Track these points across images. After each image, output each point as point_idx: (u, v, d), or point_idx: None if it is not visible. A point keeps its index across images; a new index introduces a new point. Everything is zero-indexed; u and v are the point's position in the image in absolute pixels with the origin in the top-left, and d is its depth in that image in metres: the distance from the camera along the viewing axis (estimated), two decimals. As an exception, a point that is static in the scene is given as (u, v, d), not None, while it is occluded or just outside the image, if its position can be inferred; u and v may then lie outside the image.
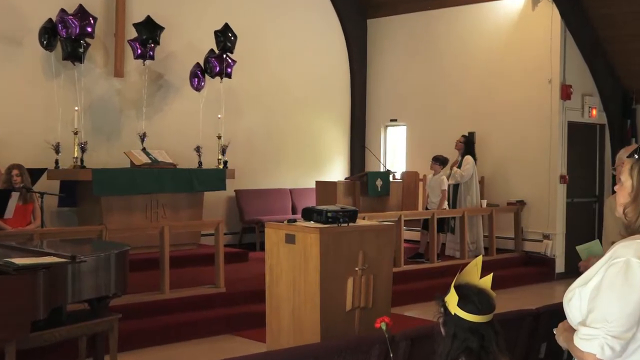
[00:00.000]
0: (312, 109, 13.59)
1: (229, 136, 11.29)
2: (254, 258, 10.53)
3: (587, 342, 2.46)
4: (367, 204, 11.37)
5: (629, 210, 2.59)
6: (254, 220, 11.92)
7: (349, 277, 6.11)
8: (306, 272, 6.04)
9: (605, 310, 2.45)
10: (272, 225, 6.49)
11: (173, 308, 7.82)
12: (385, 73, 13.95)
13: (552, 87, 11.51)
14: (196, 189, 10.44)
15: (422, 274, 10.21)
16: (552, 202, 11.57)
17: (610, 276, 2.47)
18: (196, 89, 11.27)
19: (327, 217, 6.15)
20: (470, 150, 11.56)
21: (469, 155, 11.46)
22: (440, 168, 11.00)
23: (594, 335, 2.45)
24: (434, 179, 11.05)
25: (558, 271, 11.51)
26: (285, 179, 13.10)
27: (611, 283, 2.46)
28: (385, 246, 6.42)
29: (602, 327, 2.44)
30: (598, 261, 2.56)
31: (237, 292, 8.41)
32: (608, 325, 2.44)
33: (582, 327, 2.50)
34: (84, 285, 5.22)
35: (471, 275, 2.84)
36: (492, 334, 2.74)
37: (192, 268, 9.54)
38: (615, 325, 2.43)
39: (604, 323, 2.44)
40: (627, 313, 2.43)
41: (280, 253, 6.29)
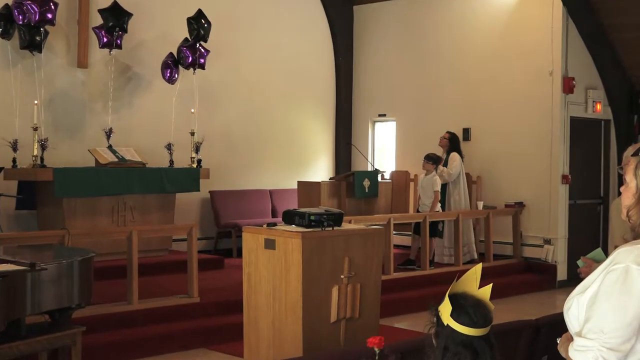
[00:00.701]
0: (294, 103, 13.59)
1: (203, 132, 11.26)
2: (231, 265, 10.52)
3: (581, 353, 2.47)
4: (354, 206, 11.38)
5: (633, 212, 2.60)
6: (230, 224, 11.90)
7: (334, 286, 6.11)
8: (287, 280, 6.04)
9: (601, 320, 2.45)
10: (250, 230, 6.48)
11: (142, 320, 7.78)
12: (373, 64, 13.97)
13: (553, 80, 11.57)
14: (167, 190, 10.41)
15: (414, 282, 10.23)
16: (554, 204, 11.63)
17: (607, 283, 2.47)
18: (169, 81, 11.25)
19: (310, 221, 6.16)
20: (456, 147, 11.62)
21: (455, 152, 11.52)
22: (432, 167, 11.04)
23: (589, 347, 2.45)
24: (426, 179, 11.08)
25: (560, 279, 11.57)
26: (265, 179, 13.09)
27: (608, 291, 2.46)
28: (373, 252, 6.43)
29: (597, 338, 2.44)
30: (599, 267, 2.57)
31: (212, 303, 8.39)
32: (603, 337, 2.44)
33: (577, 337, 2.51)
34: (45, 296, 5.19)
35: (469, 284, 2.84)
36: (487, 348, 2.74)
37: (163, 276, 9.51)
38: (611, 337, 2.43)
39: (599, 334, 2.45)
40: (625, 323, 2.43)
41: (259, 260, 6.28)
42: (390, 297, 9.07)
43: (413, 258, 10.98)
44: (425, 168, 11.14)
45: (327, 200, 11.11)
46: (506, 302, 9.82)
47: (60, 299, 5.40)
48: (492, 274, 9.36)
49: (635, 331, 2.45)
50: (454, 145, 11.63)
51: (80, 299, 5.60)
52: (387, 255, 9.84)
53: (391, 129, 13.95)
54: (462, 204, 11.59)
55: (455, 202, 11.52)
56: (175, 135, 11.14)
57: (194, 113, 11.20)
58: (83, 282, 5.58)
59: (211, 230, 12.19)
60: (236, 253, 11.42)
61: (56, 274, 5.31)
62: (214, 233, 12.20)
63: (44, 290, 5.17)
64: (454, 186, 11.54)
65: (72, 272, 5.47)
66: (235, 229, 11.58)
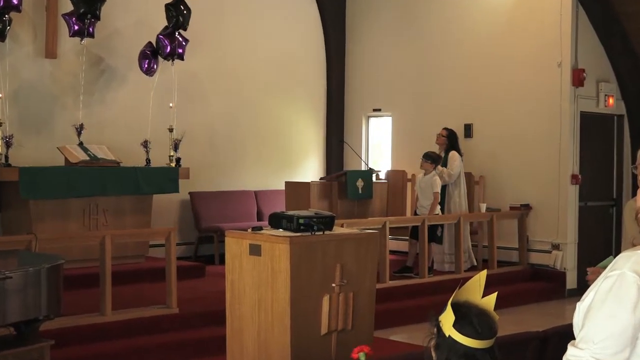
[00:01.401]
0: (282, 98, 13.59)
1: (183, 129, 11.25)
2: (212, 273, 10.53)
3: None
4: (346, 208, 11.38)
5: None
6: (212, 228, 11.89)
7: (325, 295, 6.12)
8: (274, 288, 6.03)
9: (592, 330, 2.49)
10: (233, 234, 6.48)
11: (116, 333, 7.77)
12: (368, 55, 13.98)
13: (562, 72, 11.60)
14: (143, 191, 10.40)
15: (411, 291, 10.25)
16: (562, 207, 11.66)
17: (601, 291, 2.52)
18: (147, 72, 11.23)
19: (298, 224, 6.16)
20: (455, 145, 11.62)
21: (454, 151, 11.52)
22: (432, 167, 11.04)
23: (579, 357, 2.49)
24: (425, 180, 11.09)
25: (569, 287, 11.60)
26: (250, 180, 13.08)
27: (601, 299, 2.50)
28: (368, 258, 6.43)
29: (587, 348, 2.48)
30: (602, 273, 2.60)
31: (192, 313, 8.39)
32: (593, 347, 2.47)
33: (570, 346, 2.55)
34: (10, 306, 5.17)
35: (472, 293, 2.84)
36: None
37: (139, 285, 9.51)
38: (601, 347, 2.46)
39: (589, 344, 2.48)
40: (615, 333, 2.46)
41: (243, 267, 6.28)
42: (386, 307, 9.07)
43: (410, 265, 10.98)
44: (423, 168, 11.14)
45: (317, 203, 11.12)
46: (511, 312, 9.84)
47: (27, 310, 5.38)
48: (496, 282, 9.37)
49: (628, 342, 2.47)
50: (453, 143, 11.62)
51: (48, 310, 5.58)
52: (383, 261, 9.85)
53: (387, 124, 13.96)
54: (463, 207, 11.61)
55: (455, 205, 11.53)
56: (152, 131, 11.12)
57: (173, 108, 11.19)
58: (52, 291, 5.56)
59: (191, 235, 12.17)
60: (218, 259, 11.42)
61: (22, 283, 5.29)
62: (195, 238, 12.19)
63: (9, 301, 5.15)
64: (454, 187, 11.55)
65: (39, 281, 5.45)
66: (218, 234, 11.57)
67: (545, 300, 11.25)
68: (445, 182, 11.35)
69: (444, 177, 11.29)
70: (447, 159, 11.50)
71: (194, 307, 8.58)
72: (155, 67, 11.28)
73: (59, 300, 5.73)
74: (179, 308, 8.29)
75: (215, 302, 8.24)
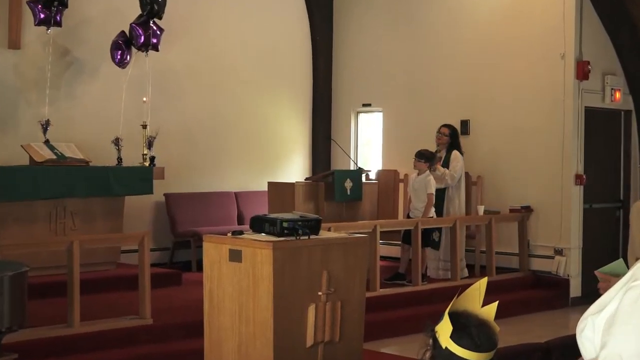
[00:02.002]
0: (264, 92, 13.57)
1: (157, 125, 11.22)
2: (189, 280, 10.52)
3: None
4: (334, 211, 11.38)
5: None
6: (188, 233, 11.88)
7: (311, 304, 6.11)
8: (256, 297, 6.02)
9: (620, 345, 2.46)
10: (212, 239, 6.46)
11: (85, 346, 7.74)
12: (357, 46, 13.98)
13: (565, 64, 11.62)
14: (115, 193, 10.37)
15: (404, 299, 10.25)
16: (566, 209, 11.68)
17: (627, 303, 2.49)
18: (119, 64, 11.20)
19: (282, 228, 6.15)
20: (456, 144, 11.59)
21: (456, 151, 11.49)
22: (425, 166, 11.03)
23: None
24: (418, 180, 11.09)
25: (573, 295, 11.63)
26: (230, 180, 13.07)
27: (628, 311, 2.48)
28: (356, 265, 6.42)
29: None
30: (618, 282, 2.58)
31: (167, 325, 8.37)
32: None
33: None
34: (-31, 317, 5.14)
35: (471, 302, 2.84)
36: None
37: (110, 294, 9.49)
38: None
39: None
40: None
41: (222, 274, 6.27)
42: (376, 317, 9.07)
43: (403, 272, 10.98)
44: (417, 167, 11.13)
45: (302, 205, 11.11)
46: (512, 322, 9.84)
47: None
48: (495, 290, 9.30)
49: None
50: (454, 142, 11.59)
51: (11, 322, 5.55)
52: (373, 268, 9.85)
53: (377, 120, 13.97)
54: (462, 210, 11.58)
55: (455, 208, 11.48)
56: (125, 128, 11.09)
57: (147, 102, 11.16)
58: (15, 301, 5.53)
59: (166, 240, 12.16)
60: (196, 266, 11.41)
61: (-17, 292, 5.26)
62: (170, 243, 12.17)
63: (-31, 311, 5.12)
64: (455, 190, 11.47)
65: (1, 290, 5.43)
66: (195, 238, 11.55)
67: (548, 310, 11.26)
68: (446, 184, 11.32)
69: (445, 179, 11.25)
70: (448, 159, 11.45)
71: (170, 317, 8.56)
72: (128, 59, 11.25)
73: (23, 311, 5.70)
74: (153, 319, 8.25)
75: (192, 313, 8.21)
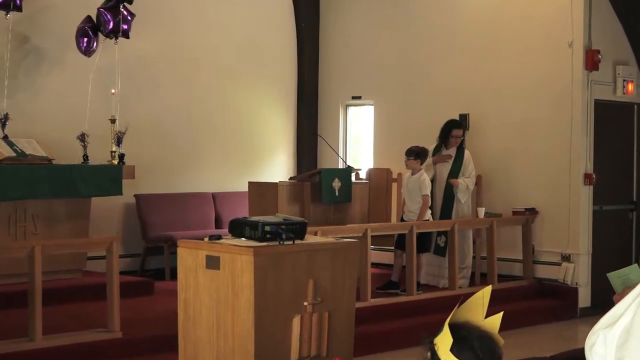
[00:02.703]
0: (245, 83, 13.56)
1: (127, 120, 11.18)
2: (162, 290, 10.53)
3: None
4: (321, 213, 11.37)
5: None
6: (161, 237, 11.87)
7: (295, 316, 6.10)
8: (235, 308, 6.01)
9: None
10: (187, 244, 6.45)
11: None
12: (346, 33, 13.98)
13: (573, 53, 11.64)
14: (80, 194, 10.34)
15: (397, 310, 10.25)
16: (574, 211, 11.70)
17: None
18: (85, 52, 11.17)
19: (264, 232, 6.14)
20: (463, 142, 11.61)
21: (467, 151, 11.47)
22: (416, 163, 11.00)
23: None
24: (412, 180, 11.08)
25: (582, 305, 11.65)
26: (206, 180, 13.05)
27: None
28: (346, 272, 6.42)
29: None
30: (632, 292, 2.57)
31: (138, 338, 8.36)
32: None
33: None
34: None
35: (474, 312, 2.84)
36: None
37: (75, 305, 9.47)
38: None
39: None
40: None
41: (199, 282, 6.26)
42: (368, 330, 9.09)
43: (396, 280, 10.98)
44: (408, 166, 11.12)
45: (286, 207, 11.10)
46: (514, 335, 9.85)
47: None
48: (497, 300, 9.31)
49: None
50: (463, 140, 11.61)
51: (-34, 335, 5.53)
52: (364, 276, 9.84)
53: (368, 115, 13.98)
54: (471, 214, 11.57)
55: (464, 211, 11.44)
56: (91, 123, 11.05)
57: (115, 94, 11.12)
58: (-30, 312, 5.51)
59: (137, 246, 12.14)
60: (169, 274, 11.41)
61: None
62: (141, 249, 12.15)
63: None
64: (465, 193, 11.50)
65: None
66: (169, 244, 11.56)
67: (554, 321, 11.29)
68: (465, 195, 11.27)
69: (468, 188, 11.26)
70: (460, 159, 11.43)
71: (141, 330, 8.55)
72: (95, 46, 11.22)
73: (-22, 323, 5.68)
74: (123, 332, 8.24)
75: (165, 325, 8.20)
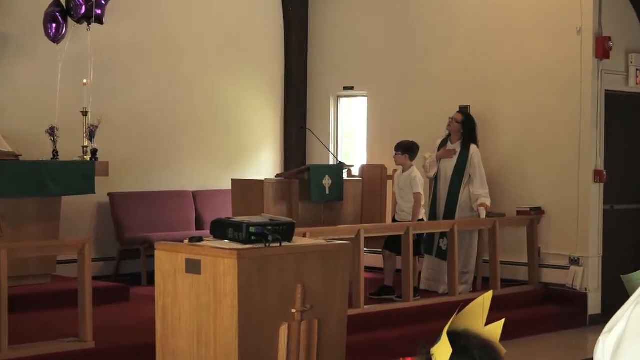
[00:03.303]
0: (228, 73, 13.56)
1: (101, 112, 11.18)
2: (138, 296, 10.54)
3: None
4: (310, 213, 11.37)
5: None
6: (138, 239, 11.86)
7: (283, 324, 6.09)
8: (218, 316, 6.01)
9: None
10: (165, 247, 6.44)
11: (14, 373, 7.71)
12: (337, 19, 13.98)
13: (582, 40, 11.64)
14: (50, 192, 10.32)
15: (392, 318, 10.26)
16: (583, 211, 11.71)
17: (635, 320, 2.51)
18: (54, 39, 11.15)
19: (248, 234, 6.14)
20: (473, 135, 11.51)
21: (475, 147, 11.39)
22: (406, 159, 10.96)
23: None
24: (403, 177, 11.06)
25: (592, 312, 11.66)
26: (186, 177, 13.05)
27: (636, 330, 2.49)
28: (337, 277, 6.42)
29: None
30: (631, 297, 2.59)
31: (112, 348, 8.35)
32: None
33: None
34: None
35: (474, 320, 2.84)
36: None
37: (44, 312, 9.46)
38: None
39: None
40: None
41: (178, 288, 6.25)
42: (361, 339, 9.09)
43: (390, 284, 10.96)
44: (397, 162, 11.08)
45: (272, 206, 11.09)
46: (520, 344, 9.87)
47: None
48: (500, 306, 9.36)
49: None
50: (471, 133, 11.48)
51: None
52: (356, 281, 9.84)
53: (361, 107, 13.97)
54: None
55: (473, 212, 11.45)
56: (61, 115, 11.04)
57: (88, 84, 11.10)
58: None
59: (111, 248, 12.14)
60: (146, 279, 11.43)
61: None
62: (116, 252, 12.15)
63: None
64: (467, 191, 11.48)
65: None
66: (145, 246, 11.57)
67: (562, 329, 11.30)
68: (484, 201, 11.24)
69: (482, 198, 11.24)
70: (466, 155, 11.37)
71: (115, 340, 8.54)
72: (64, 32, 11.18)
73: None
74: (96, 341, 8.21)
75: (142, 334, 8.22)
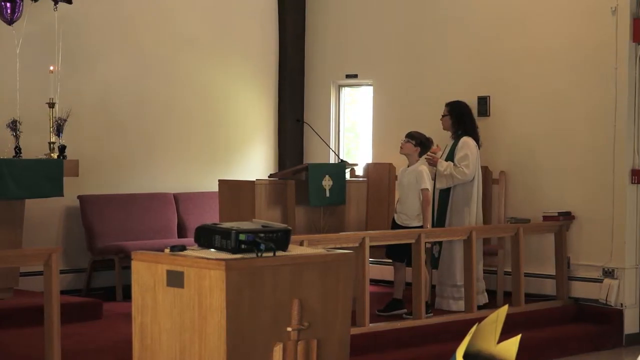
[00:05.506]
0: (215, 60, 13.58)
1: (69, 104, 11.19)
2: (113, 313, 10.55)
3: None
4: (308, 218, 11.37)
5: None
6: (112, 248, 11.86)
7: (276, 344, 6.10)
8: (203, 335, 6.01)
9: None
10: (143, 257, 6.44)
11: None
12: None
13: (617, 22, 11.65)
14: (11, 195, 10.34)
15: (401, 337, 10.26)
16: (618, 216, 11.70)
17: None
18: (9, 20, 11.15)
19: (238, 242, 6.13)
20: (468, 126, 11.51)
21: (467, 137, 11.40)
22: (416, 151, 10.93)
23: None
24: (408, 172, 11.01)
25: (628, 331, 11.66)
26: (167, 178, 13.07)
27: None
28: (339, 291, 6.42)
29: None
30: None
31: (83, 373, 8.34)
32: None
33: None
34: None
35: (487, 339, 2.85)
36: None
37: (5, 331, 9.47)
38: None
39: None
40: None
41: (158, 304, 6.25)
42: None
43: (399, 297, 10.93)
44: (404, 151, 10.99)
45: (265, 210, 11.10)
46: (546, 368, 9.91)
47: None
48: (524, 324, 9.37)
49: None
50: (463, 124, 11.51)
51: None
52: (361, 295, 9.86)
53: (366, 97, 13.99)
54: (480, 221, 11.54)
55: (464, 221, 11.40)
56: (24, 108, 11.06)
57: (54, 72, 11.10)
58: None
59: (82, 259, 12.15)
60: (122, 294, 11.44)
61: None
62: (87, 263, 12.15)
63: None
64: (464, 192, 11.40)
65: None
66: (121, 256, 11.59)
67: (594, 351, 11.32)
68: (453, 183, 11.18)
69: (455, 176, 11.10)
70: (453, 151, 11.39)
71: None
72: (20, 13, 11.16)
73: None
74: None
75: (116, 355, 8.26)
